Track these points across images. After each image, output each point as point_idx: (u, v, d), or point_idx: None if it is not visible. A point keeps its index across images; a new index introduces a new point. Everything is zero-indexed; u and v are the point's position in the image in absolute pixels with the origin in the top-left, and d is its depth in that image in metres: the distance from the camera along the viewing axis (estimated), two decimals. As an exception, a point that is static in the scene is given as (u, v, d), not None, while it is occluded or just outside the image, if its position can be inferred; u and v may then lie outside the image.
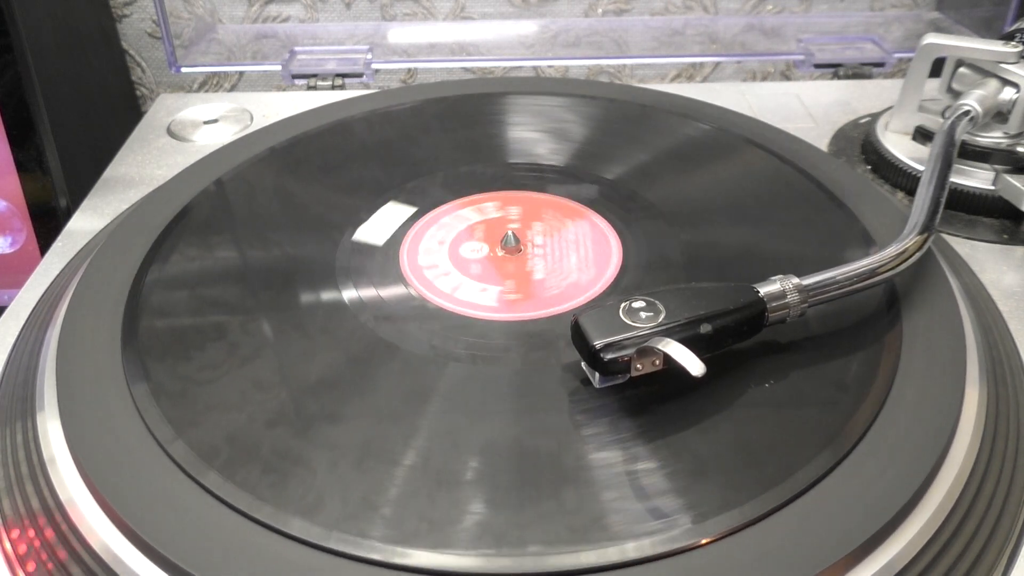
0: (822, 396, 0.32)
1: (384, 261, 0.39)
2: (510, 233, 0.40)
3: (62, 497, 0.29)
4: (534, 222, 0.42)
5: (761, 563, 0.26)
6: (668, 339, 0.29)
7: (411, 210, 0.43)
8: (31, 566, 0.29)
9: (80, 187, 0.52)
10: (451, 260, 0.39)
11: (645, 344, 0.30)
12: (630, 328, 0.30)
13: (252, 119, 0.58)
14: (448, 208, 0.43)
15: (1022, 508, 0.30)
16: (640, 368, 0.30)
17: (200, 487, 0.28)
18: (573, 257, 0.39)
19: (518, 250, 0.40)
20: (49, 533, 0.29)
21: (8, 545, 0.29)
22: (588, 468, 0.29)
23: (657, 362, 0.30)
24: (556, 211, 0.43)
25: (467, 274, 0.38)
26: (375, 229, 0.41)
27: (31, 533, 0.29)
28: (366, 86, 0.65)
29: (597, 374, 0.31)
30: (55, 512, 0.29)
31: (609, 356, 0.30)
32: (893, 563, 0.27)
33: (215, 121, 0.57)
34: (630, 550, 0.26)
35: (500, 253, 0.40)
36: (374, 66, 0.65)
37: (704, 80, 0.77)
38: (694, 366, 0.29)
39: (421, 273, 0.38)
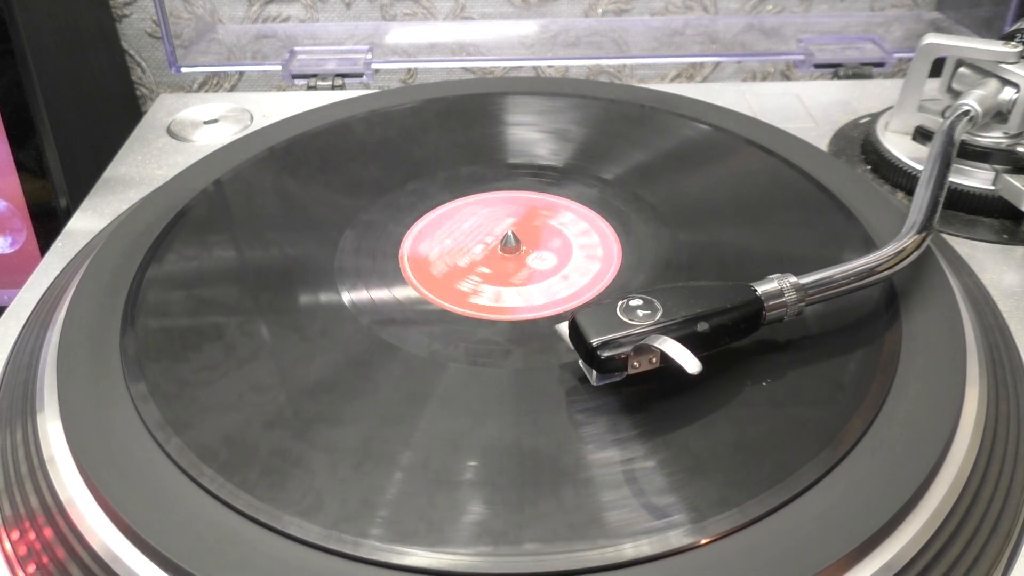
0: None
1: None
2: (510, 233, 0.40)
3: (62, 497, 0.29)
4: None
5: (761, 563, 0.26)
6: (665, 337, 0.30)
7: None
8: (31, 566, 0.29)
9: (80, 187, 0.52)
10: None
11: (642, 342, 0.30)
12: (627, 326, 0.30)
13: (252, 119, 0.58)
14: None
15: (1022, 508, 0.30)
16: (637, 366, 0.30)
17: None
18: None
19: (518, 250, 0.40)
20: (49, 533, 0.29)
21: (8, 545, 0.29)
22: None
23: (654, 360, 0.30)
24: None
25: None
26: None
27: (31, 533, 0.29)
28: (366, 86, 0.65)
29: (594, 372, 0.31)
30: (55, 512, 0.29)
31: (606, 354, 0.30)
32: (893, 563, 0.27)
33: (215, 121, 0.57)
34: (629, 550, 0.26)
35: (500, 253, 0.40)
36: (374, 66, 0.65)
37: (704, 80, 0.77)
38: (690, 364, 0.29)
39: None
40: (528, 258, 0.39)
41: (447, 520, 0.27)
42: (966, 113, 0.44)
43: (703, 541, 0.26)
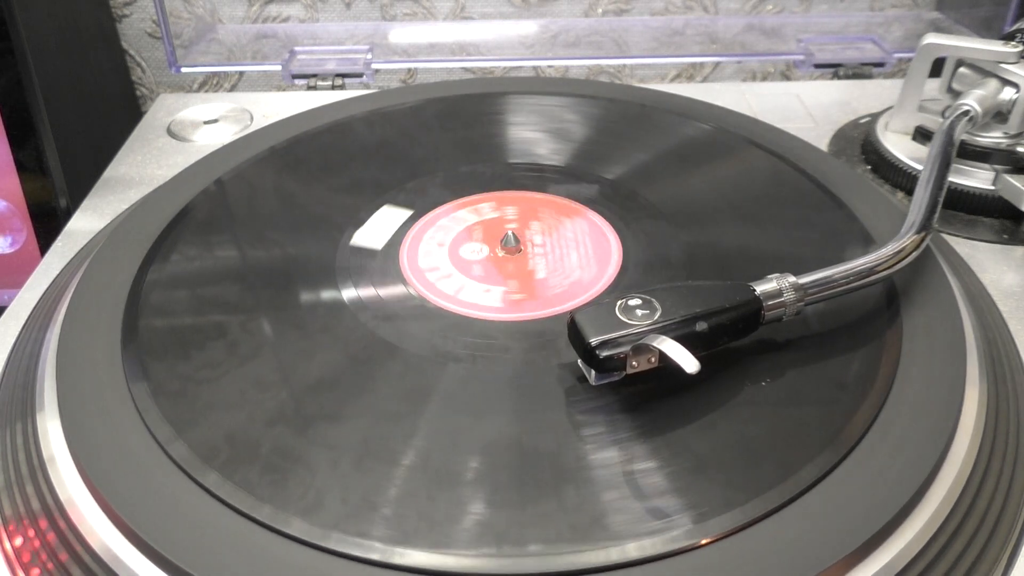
0: (822, 396, 0.32)
1: (384, 261, 0.39)
2: (510, 233, 0.40)
3: (62, 497, 0.29)
4: (534, 222, 0.42)
5: (761, 563, 0.26)
6: (664, 337, 0.30)
7: (410, 211, 0.43)
8: (31, 567, 0.29)
9: (80, 187, 0.52)
10: (451, 260, 0.39)
11: (641, 342, 0.30)
12: (626, 325, 0.30)
13: (252, 119, 0.58)
14: (448, 208, 0.43)
15: (1022, 508, 0.30)
16: (636, 365, 0.30)
17: (200, 487, 0.28)
18: (573, 257, 0.39)
19: (518, 250, 0.40)
20: (49, 533, 0.29)
21: (8, 545, 0.29)
22: (588, 468, 0.29)
23: (653, 359, 0.30)
24: (556, 211, 0.43)
25: (467, 274, 0.38)
26: (375, 229, 0.41)
27: (31, 533, 0.29)
28: (366, 86, 0.65)
29: (593, 371, 0.31)
30: (55, 512, 0.29)
31: (605, 353, 0.30)
32: (893, 563, 0.27)
33: (215, 121, 0.57)
34: (631, 550, 0.26)
35: (500, 253, 0.40)
36: (374, 66, 0.65)
37: (704, 80, 0.77)
38: (688, 363, 0.29)
39: (421, 273, 0.38)
40: (528, 258, 0.39)
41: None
42: (966, 113, 0.44)
43: (704, 541, 0.26)
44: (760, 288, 0.32)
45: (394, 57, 0.68)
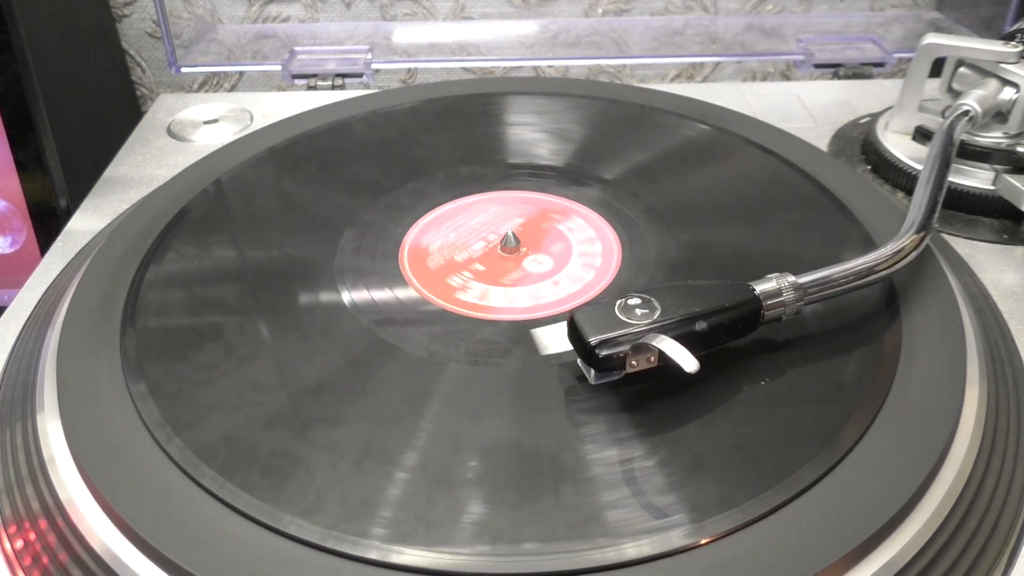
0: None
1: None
2: (510, 233, 0.40)
3: (62, 497, 0.29)
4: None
5: (761, 563, 0.26)
6: (663, 336, 0.30)
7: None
8: (31, 567, 0.29)
9: (80, 187, 0.52)
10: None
11: (640, 341, 0.30)
12: (625, 325, 0.30)
13: (252, 119, 0.58)
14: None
15: (1022, 508, 0.30)
16: (635, 365, 0.30)
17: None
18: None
19: (518, 250, 0.40)
20: (49, 534, 0.29)
21: (8, 545, 0.29)
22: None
23: (652, 359, 0.30)
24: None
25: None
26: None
27: (31, 533, 0.29)
28: (366, 86, 0.65)
29: (592, 371, 0.31)
30: (55, 512, 0.29)
31: (604, 352, 0.30)
32: (893, 563, 0.27)
33: (215, 121, 0.57)
34: (629, 550, 0.26)
35: (500, 253, 0.40)
36: (374, 66, 0.65)
37: (704, 80, 0.77)
38: (688, 363, 0.29)
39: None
40: (528, 258, 0.39)
41: (447, 520, 0.27)
42: (966, 113, 0.44)
43: (703, 541, 0.26)
44: (759, 288, 0.32)
45: (394, 57, 0.68)
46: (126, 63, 0.74)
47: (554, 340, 0.34)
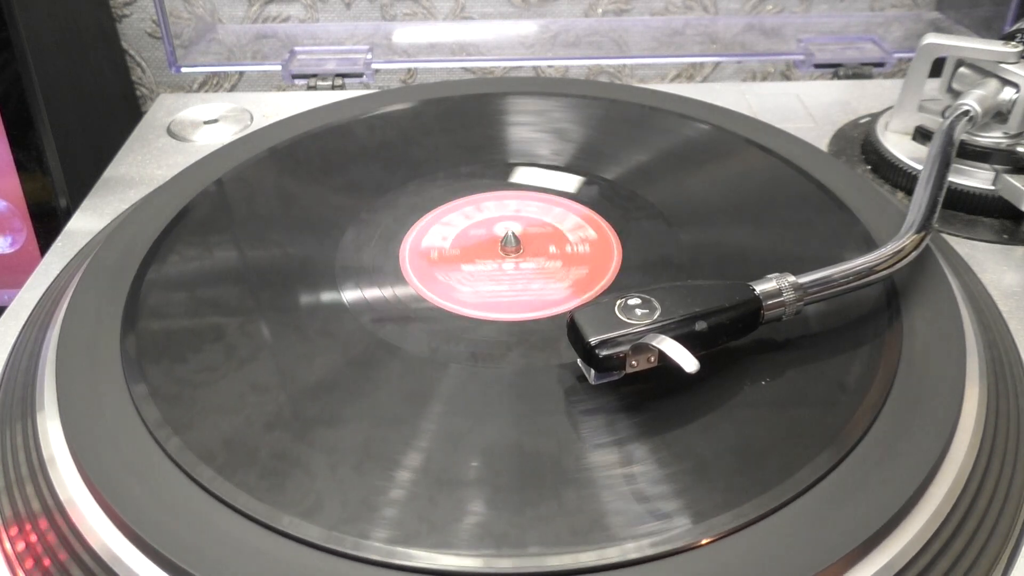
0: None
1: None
2: (510, 233, 0.40)
3: (62, 497, 0.29)
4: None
5: (761, 563, 0.26)
6: (663, 336, 0.30)
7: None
8: (31, 566, 0.29)
9: (80, 187, 0.52)
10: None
11: (640, 341, 0.30)
12: (625, 325, 0.30)
13: (252, 119, 0.58)
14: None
15: (1022, 508, 0.30)
16: (635, 365, 0.30)
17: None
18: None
19: (518, 250, 0.40)
20: (49, 533, 0.29)
21: (8, 545, 0.29)
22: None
23: (652, 359, 0.30)
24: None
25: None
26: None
27: (31, 533, 0.29)
28: (366, 86, 0.65)
29: (592, 371, 0.31)
30: (55, 512, 0.29)
31: (604, 352, 0.30)
32: (893, 563, 0.27)
33: (215, 121, 0.57)
34: (630, 550, 0.26)
35: (500, 253, 0.40)
36: (374, 66, 0.65)
37: (704, 80, 0.77)
38: (688, 363, 0.29)
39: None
40: (528, 258, 0.39)
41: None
42: (966, 113, 0.44)
43: (704, 541, 0.26)
44: (759, 288, 0.32)
45: (394, 57, 0.68)
46: (126, 63, 0.74)
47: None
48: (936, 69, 0.49)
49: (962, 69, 0.48)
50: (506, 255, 0.40)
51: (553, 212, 0.42)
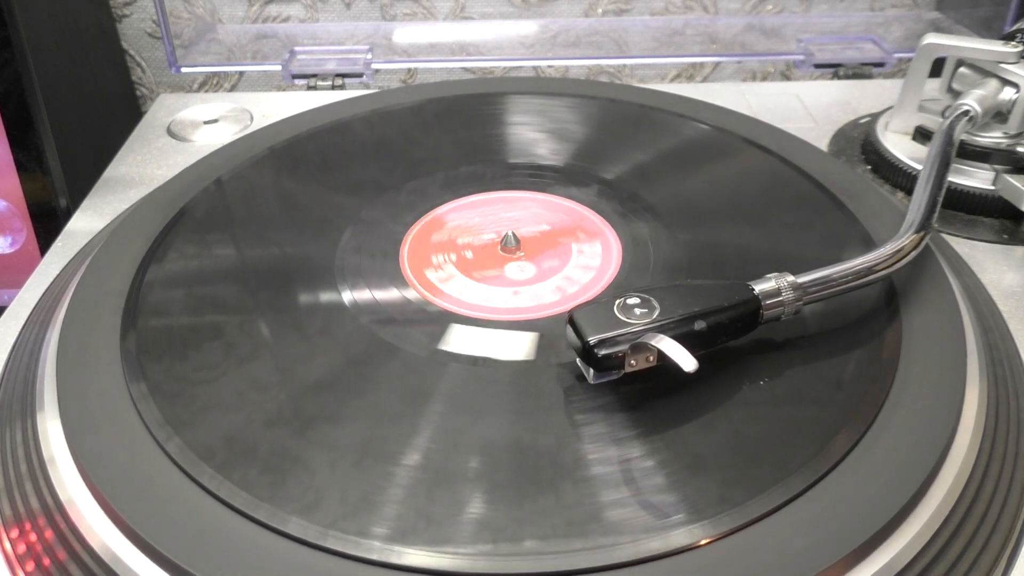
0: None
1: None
2: (510, 233, 0.40)
3: (62, 497, 0.29)
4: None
5: (760, 563, 0.26)
6: (662, 335, 0.30)
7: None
8: (31, 566, 0.29)
9: (80, 187, 0.52)
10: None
11: (639, 340, 0.30)
12: (625, 324, 0.30)
13: (252, 119, 0.58)
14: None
15: (1022, 508, 0.30)
16: (634, 364, 0.30)
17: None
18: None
19: (518, 250, 0.40)
20: (49, 533, 0.29)
21: (8, 545, 0.29)
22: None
23: (651, 358, 0.30)
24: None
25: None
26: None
27: (31, 533, 0.29)
28: (366, 86, 0.65)
29: (591, 370, 0.31)
30: (55, 512, 0.29)
31: (603, 352, 0.30)
32: (893, 563, 0.27)
33: (215, 121, 0.57)
34: (629, 549, 0.26)
35: (500, 253, 0.40)
36: (374, 66, 0.65)
37: (704, 80, 0.77)
38: (687, 362, 0.29)
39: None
40: (528, 258, 0.39)
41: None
42: (966, 113, 0.44)
43: (702, 541, 0.26)
44: (759, 287, 0.32)
45: (394, 57, 0.68)
46: (126, 63, 0.74)
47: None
48: (936, 69, 0.49)
49: (962, 69, 0.48)
50: (506, 254, 0.39)
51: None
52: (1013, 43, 0.46)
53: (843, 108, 0.57)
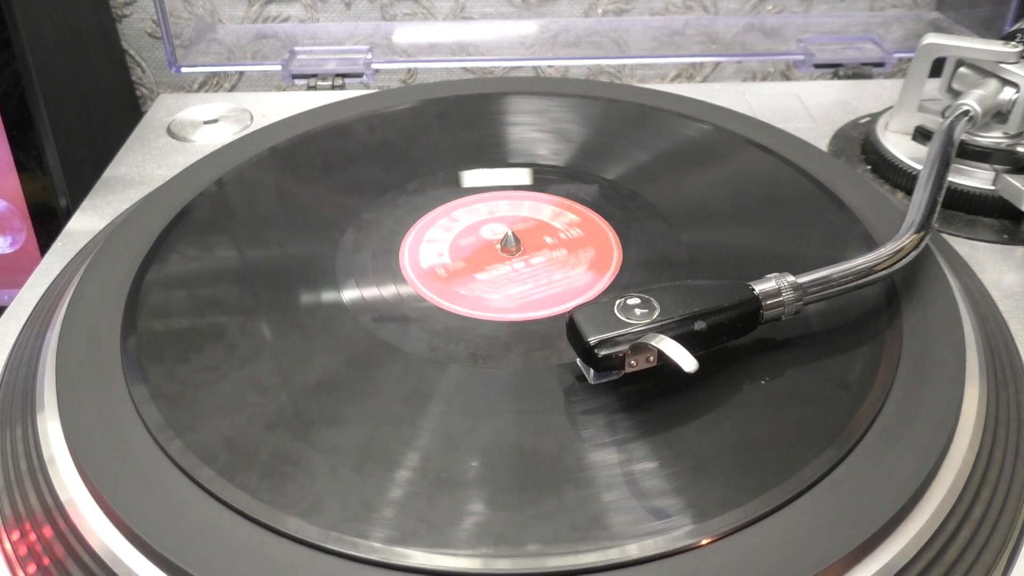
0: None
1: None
2: (510, 233, 0.40)
3: (62, 497, 0.29)
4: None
5: (761, 563, 0.26)
6: (662, 335, 0.30)
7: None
8: (31, 566, 0.29)
9: (80, 187, 0.52)
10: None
11: (639, 340, 0.30)
12: (624, 324, 0.30)
13: (252, 119, 0.58)
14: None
15: (1022, 508, 0.30)
16: (634, 364, 0.30)
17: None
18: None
19: (518, 250, 0.40)
20: (48, 533, 0.29)
21: (8, 545, 0.29)
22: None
23: (651, 358, 0.30)
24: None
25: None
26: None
27: (31, 533, 0.29)
28: (366, 86, 0.65)
29: (592, 370, 0.31)
30: (55, 512, 0.29)
31: (603, 352, 0.30)
32: (893, 563, 0.27)
33: (215, 121, 0.57)
34: (630, 550, 0.26)
35: (500, 253, 0.40)
36: (374, 66, 0.65)
37: (704, 80, 0.77)
38: (686, 362, 0.29)
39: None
40: (528, 258, 0.39)
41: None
42: (966, 113, 0.44)
43: (705, 541, 0.26)
44: (759, 287, 0.32)
45: (394, 57, 0.68)
46: (126, 63, 0.74)
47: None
48: (936, 69, 0.49)
49: (962, 69, 0.48)
50: (506, 254, 0.39)
51: (553, 212, 0.42)
52: (1013, 43, 0.46)
53: (843, 108, 0.57)
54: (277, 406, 0.31)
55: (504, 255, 0.40)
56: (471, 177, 0.45)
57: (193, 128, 0.57)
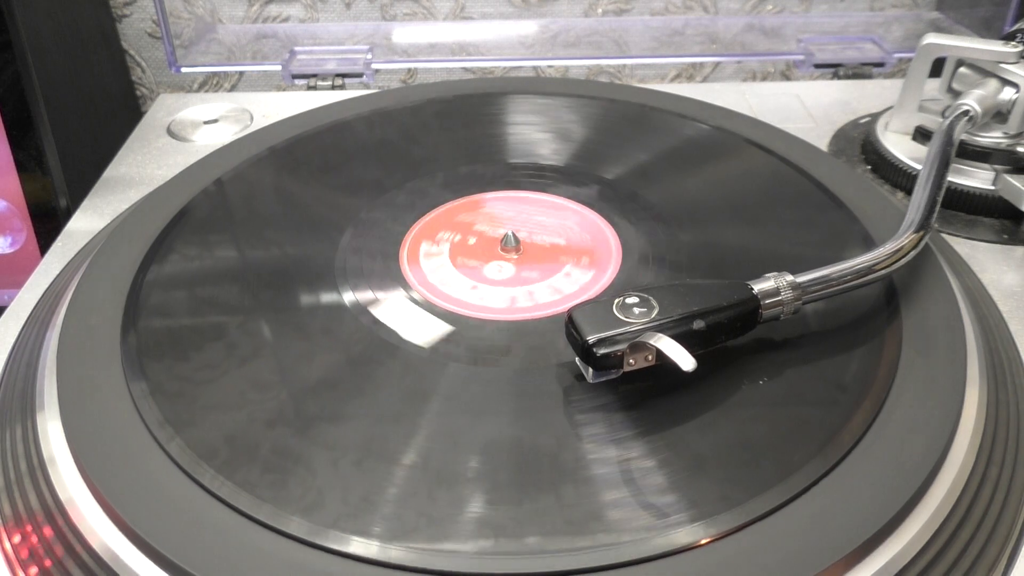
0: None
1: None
2: (510, 233, 0.40)
3: (62, 497, 0.29)
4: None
5: (760, 562, 0.26)
6: (660, 334, 0.30)
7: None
8: (31, 566, 0.29)
9: (80, 187, 0.52)
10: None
11: (638, 339, 0.30)
12: (623, 323, 0.30)
13: (252, 119, 0.58)
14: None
15: (1022, 508, 0.30)
16: (633, 363, 0.30)
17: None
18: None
19: (518, 250, 0.40)
20: (49, 533, 0.29)
21: (8, 545, 0.29)
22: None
23: (650, 357, 0.30)
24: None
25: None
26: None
27: (31, 533, 0.29)
28: (366, 86, 0.65)
29: (590, 369, 0.31)
30: (55, 512, 0.29)
31: (602, 351, 0.30)
32: (893, 563, 0.27)
33: (215, 121, 0.57)
34: (629, 549, 0.26)
35: (499, 252, 0.40)
36: (374, 66, 0.65)
37: (704, 80, 0.77)
38: (685, 361, 0.29)
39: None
40: (528, 258, 0.39)
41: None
42: (966, 113, 0.44)
43: (703, 540, 0.26)
44: (758, 287, 0.32)
45: (394, 57, 0.68)
46: (126, 63, 0.74)
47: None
48: (936, 69, 0.49)
49: (962, 69, 0.48)
50: (506, 254, 0.39)
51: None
52: (1013, 43, 0.46)
53: (843, 108, 0.57)
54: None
55: (504, 254, 0.40)
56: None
57: (193, 128, 0.57)
